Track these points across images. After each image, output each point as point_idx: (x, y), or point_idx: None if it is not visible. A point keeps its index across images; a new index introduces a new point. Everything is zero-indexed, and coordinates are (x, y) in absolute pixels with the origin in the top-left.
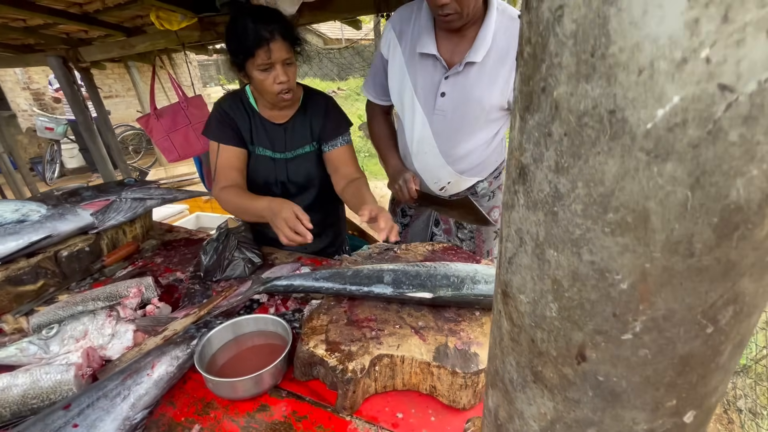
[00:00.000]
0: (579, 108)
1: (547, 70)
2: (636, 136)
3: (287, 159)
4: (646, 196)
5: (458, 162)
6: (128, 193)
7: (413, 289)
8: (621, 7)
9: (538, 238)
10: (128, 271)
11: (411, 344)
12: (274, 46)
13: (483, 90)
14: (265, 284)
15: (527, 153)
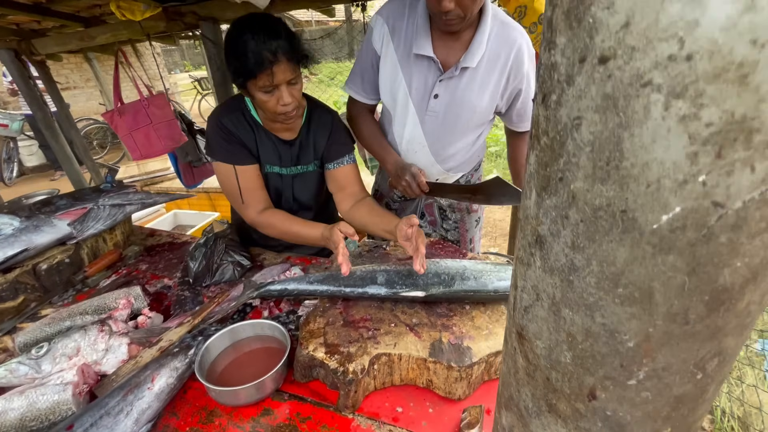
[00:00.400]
0: (594, 203)
1: (565, 165)
2: (644, 232)
3: (293, 175)
4: (651, 278)
5: (447, 161)
6: (106, 199)
7: (406, 288)
8: (633, 133)
9: (555, 298)
10: (112, 280)
11: (407, 341)
12: (277, 69)
13: (475, 94)
14: (259, 289)
15: (544, 226)
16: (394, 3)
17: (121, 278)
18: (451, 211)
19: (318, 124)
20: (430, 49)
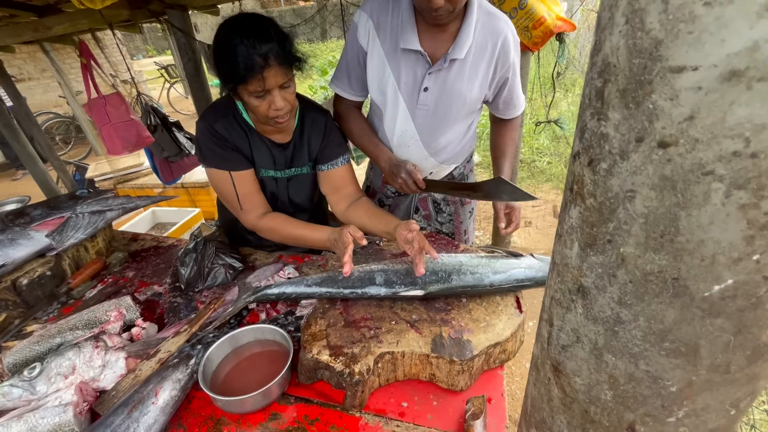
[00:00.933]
0: (645, 268)
1: (615, 230)
2: (695, 298)
3: (288, 178)
4: (698, 336)
5: (439, 153)
6: (84, 206)
7: (405, 287)
8: (691, 213)
9: (597, 344)
10: (99, 290)
11: (409, 338)
12: (268, 74)
13: (464, 84)
14: (256, 294)
15: (588, 279)
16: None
17: (107, 287)
18: (446, 204)
19: (312, 125)
20: (417, 43)
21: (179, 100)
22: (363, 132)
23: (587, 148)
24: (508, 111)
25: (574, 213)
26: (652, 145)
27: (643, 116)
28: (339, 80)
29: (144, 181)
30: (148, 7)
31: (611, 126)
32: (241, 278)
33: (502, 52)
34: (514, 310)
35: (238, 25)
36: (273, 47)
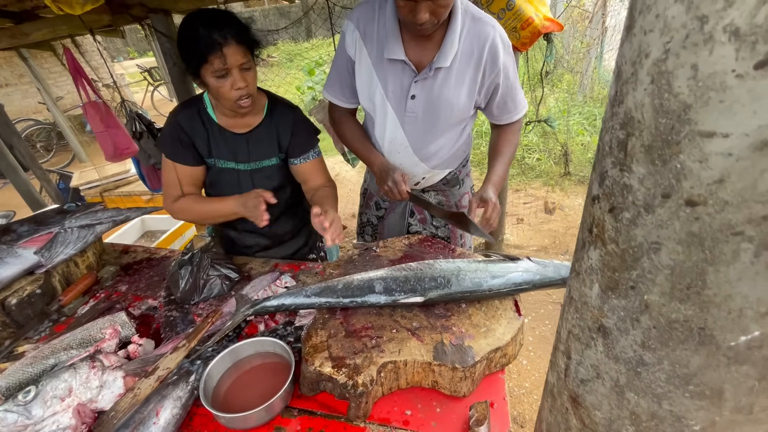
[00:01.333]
0: (671, 316)
1: (639, 277)
2: (721, 347)
3: (251, 170)
4: (723, 381)
5: (430, 159)
6: (72, 221)
7: (405, 294)
8: (719, 269)
9: (618, 381)
10: (91, 305)
11: (410, 347)
12: (228, 51)
13: (451, 92)
14: (255, 306)
15: (610, 320)
16: (364, 6)
17: (100, 303)
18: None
19: (279, 120)
20: (402, 53)
21: (164, 103)
22: (356, 137)
23: (608, 194)
24: (504, 116)
25: (593, 255)
26: (679, 202)
27: (670, 174)
28: (332, 88)
29: (131, 188)
30: (129, 11)
31: (635, 179)
32: (238, 289)
33: (490, 58)
34: (513, 313)
35: (199, 15)
36: (232, 29)
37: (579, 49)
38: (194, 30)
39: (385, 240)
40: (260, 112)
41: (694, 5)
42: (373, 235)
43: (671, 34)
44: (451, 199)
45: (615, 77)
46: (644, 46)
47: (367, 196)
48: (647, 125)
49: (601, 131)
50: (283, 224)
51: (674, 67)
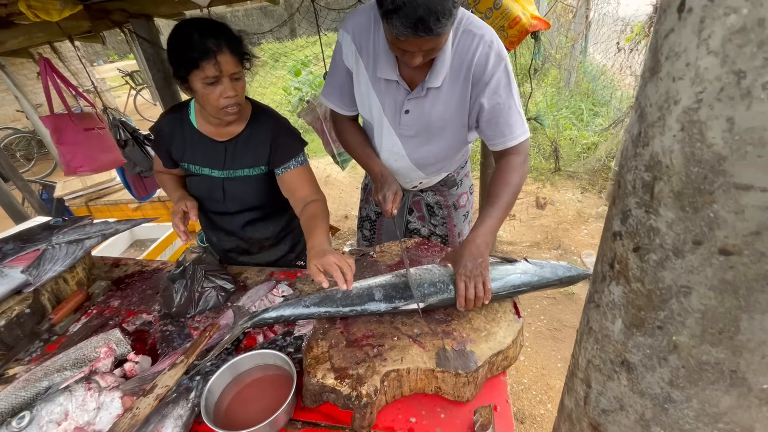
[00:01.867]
0: (701, 358)
1: (667, 318)
2: (753, 389)
3: (225, 178)
4: (754, 420)
5: (427, 167)
6: (60, 236)
7: (404, 301)
8: (754, 317)
9: (644, 416)
10: (83, 323)
11: (413, 354)
12: (222, 59)
13: (442, 107)
14: (253, 319)
15: (635, 356)
16: (359, 17)
17: (92, 320)
18: (438, 208)
19: (260, 129)
20: (395, 74)
21: (147, 108)
22: (357, 143)
23: (632, 234)
24: (497, 140)
25: (616, 290)
26: (712, 250)
27: (702, 222)
28: (332, 96)
29: (118, 197)
30: (109, 17)
31: (663, 222)
32: (234, 301)
33: (477, 70)
34: (512, 316)
35: (194, 22)
36: (226, 39)
37: (564, 44)
38: (188, 36)
39: (382, 245)
40: (243, 121)
41: (730, 59)
42: (372, 230)
43: (704, 84)
44: (449, 199)
45: (638, 117)
46: (672, 92)
47: (367, 191)
48: (677, 171)
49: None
50: (262, 230)
51: (707, 118)
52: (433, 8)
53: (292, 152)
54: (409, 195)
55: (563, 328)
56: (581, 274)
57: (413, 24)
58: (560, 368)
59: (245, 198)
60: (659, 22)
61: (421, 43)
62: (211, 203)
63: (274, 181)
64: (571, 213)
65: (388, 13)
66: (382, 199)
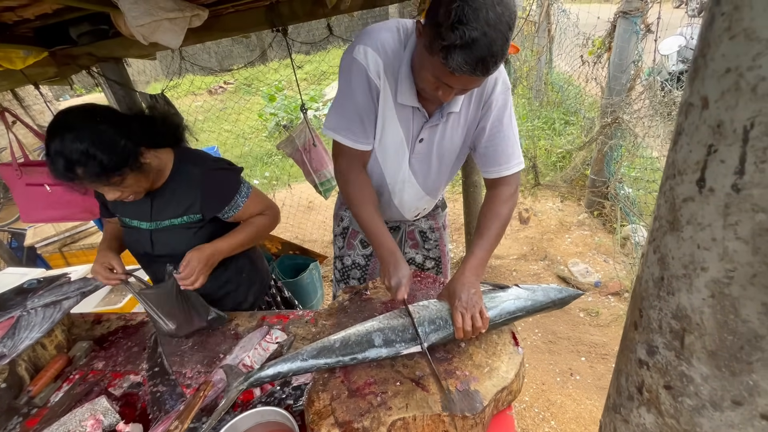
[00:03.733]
0: None
1: None
2: None
3: (152, 230)
4: None
5: (435, 191)
6: (35, 300)
7: (406, 345)
8: None
9: None
10: (65, 391)
11: (417, 399)
12: (90, 186)
13: (455, 132)
14: (249, 379)
15: None
16: (384, 34)
17: (75, 386)
18: (431, 232)
19: (183, 179)
20: (416, 100)
21: None
22: (369, 209)
23: (661, 371)
24: (490, 166)
25: (647, 417)
26: (753, 413)
27: (741, 386)
28: (349, 129)
29: (94, 240)
30: (76, 62)
31: (697, 374)
32: (226, 353)
33: (485, 93)
34: (513, 347)
35: (62, 141)
36: (85, 168)
37: (530, 57)
38: (53, 160)
39: (374, 280)
40: (165, 173)
41: (763, 252)
42: (362, 278)
43: (734, 265)
44: (438, 221)
45: (658, 261)
46: (699, 258)
47: (349, 235)
48: (709, 332)
49: (642, 299)
50: (215, 277)
51: (740, 296)
52: (495, 50)
53: (232, 193)
54: (405, 226)
55: (558, 341)
56: (572, 295)
57: (475, 63)
58: (559, 382)
59: (175, 248)
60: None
61: (470, 81)
62: (144, 255)
63: (209, 228)
64: (554, 222)
65: (451, 47)
66: (395, 284)
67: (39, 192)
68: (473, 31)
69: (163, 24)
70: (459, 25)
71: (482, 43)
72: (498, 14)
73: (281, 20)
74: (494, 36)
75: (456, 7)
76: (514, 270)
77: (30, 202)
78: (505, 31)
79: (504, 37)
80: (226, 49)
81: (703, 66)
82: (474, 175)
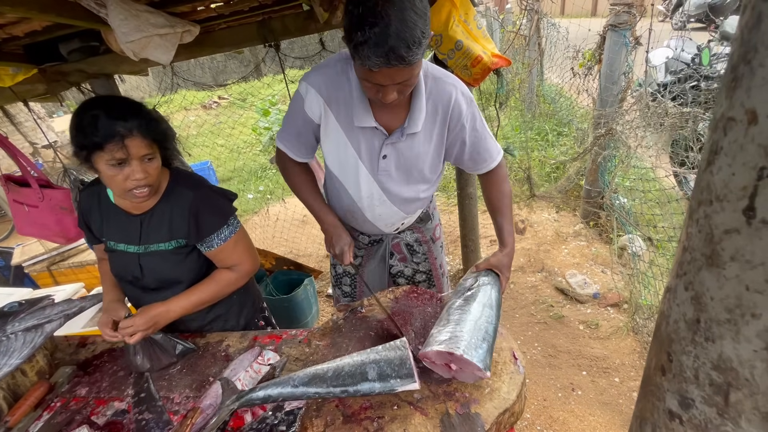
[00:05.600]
0: None
1: None
2: None
3: (140, 254)
4: None
5: (409, 205)
6: (16, 324)
7: (401, 380)
8: None
9: None
10: (45, 420)
11: (415, 424)
12: (130, 143)
13: (420, 149)
14: (240, 399)
15: None
16: (324, 71)
17: (56, 415)
18: (418, 245)
19: (176, 202)
20: (372, 120)
21: None
22: (308, 189)
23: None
24: (479, 166)
25: None
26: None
27: None
28: (288, 141)
29: (83, 257)
30: (67, 79)
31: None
32: (220, 372)
33: (453, 114)
34: (513, 366)
35: (103, 102)
36: (138, 121)
37: (521, 70)
38: (93, 117)
39: (369, 297)
40: (159, 192)
41: None
42: (352, 285)
43: None
44: (426, 234)
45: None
46: (748, 302)
47: None
48: (762, 391)
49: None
50: (189, 315)
51: None
52: (402, 36)
53: (211, 229)
54: (389, 239)
55: (558, 354)
56: None
57: (385, 53)
58: (561, 398)
59: (163, 273)
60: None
61: (394, 73)
62: (131, 281)
63: (196, 256)
64: (550, 234)
65: (359, 45)
66: (339, 252)
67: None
68: (373, 26)
69: (153, 40)
70: (360, 25)
71: (385, 33)
72: (394, 3)
73: (273, 36)
74: (397, 25)
75: (354, 11)
76: (512, 282)
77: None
78: (411, 18)
79: (410, 22)
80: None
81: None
82: (469, 187)
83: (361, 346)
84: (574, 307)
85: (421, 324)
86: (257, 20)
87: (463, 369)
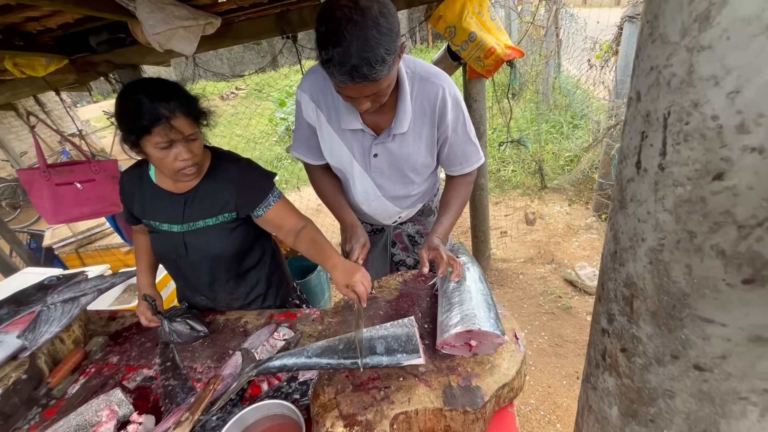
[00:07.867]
0: None
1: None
2: None
3: (185, 232)
4: None
5: (403, 201)
6: (55, 296)
7: (407, 355)
8: (730, 423)
9: None
10: (82, 384)
11: (419, 394)
12: (176, 123)
13: (410, 149)
14: (258, 367)
15: None
16: (313, 77)
17: (91, 379)
18: (419, 236)
19: (220, 177)
20: (359, 122)
21: None
22: (330, 192)
23: (618, 335)
24: (454, 168)
25: (610, 381)
26: (687, 365)
27: (677, 341)
28: (300, 148)
29: (108, 241)
30: (95, 69)
31: (644, 334)
32: (240, 343)
33: (440, 114)
34: (514, 345)
35: (143, 85)
36: (178, 100)
37: (538, 61)
38: (137, 101)
39: (380, 279)
40: (203, 171)
41: (683, 221)
42: None
43: (664, 233)
44: (427, 227)
45: (613, 237)
46: (639, 231)
47: None
48: (650, 296)
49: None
50: (229, 291)
51: (670, 261)
52: (364, 56)
53: (264, 191)
54: (390, 229)
55: (565, 344)
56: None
57: (348, 72)
58: (566, 385)
59: (208, 248)
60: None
61: (361, 89)
62: (175, 260)
63: (242, 230)
64: (561, 226)
65: (324, 63)
66: (349, 250)
67: (69, 190)
68: (336, 45)
69: (178, 32)
70: (324, 44)
71: (347, 53)
72: (357, 23)
73: (291, 27)
74: (359, 44)
75: (320, 29)
76: (521, 273)
77: (59, 202)
78: (373, 36)
79: (372, 41)
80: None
81: (637, 66)
82: (480, 178)
83: (370, 324)
84: (582, 298)
85: (428, 305)
86: (276, 12)
87: (482, 342)
